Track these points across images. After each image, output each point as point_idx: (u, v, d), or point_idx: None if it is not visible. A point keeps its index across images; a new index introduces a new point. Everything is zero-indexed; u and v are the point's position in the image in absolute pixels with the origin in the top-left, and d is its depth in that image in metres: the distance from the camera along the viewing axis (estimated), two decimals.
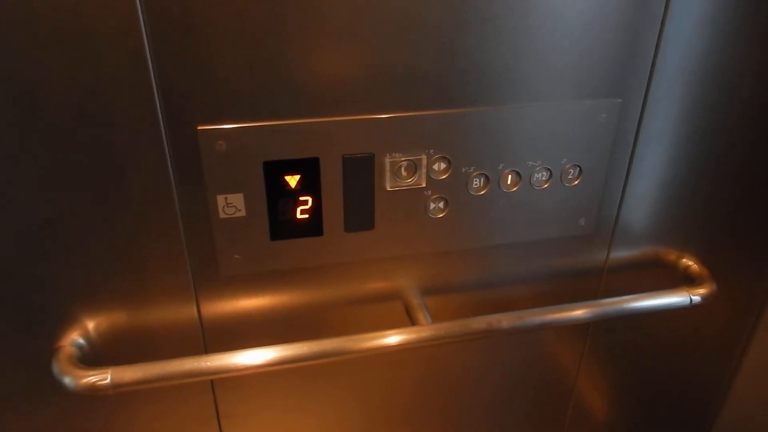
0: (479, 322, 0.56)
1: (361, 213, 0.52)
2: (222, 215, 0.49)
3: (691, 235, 0.66)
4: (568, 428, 0.80)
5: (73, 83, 0.41)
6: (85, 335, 0.52)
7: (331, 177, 0.50)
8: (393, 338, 0.54)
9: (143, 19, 0.41)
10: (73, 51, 0.40)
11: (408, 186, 0.52)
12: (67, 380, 0.49)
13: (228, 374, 0.51)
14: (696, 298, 0.63)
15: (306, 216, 0.51)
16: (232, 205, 0.49)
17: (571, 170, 0.56)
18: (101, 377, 0.48)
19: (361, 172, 0.50)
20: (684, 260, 0.67)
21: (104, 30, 0.40)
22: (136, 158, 0.45)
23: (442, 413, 0.72)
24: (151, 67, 0.42)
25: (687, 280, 0.66)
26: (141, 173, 0.46)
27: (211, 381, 0.59)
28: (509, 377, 0.72)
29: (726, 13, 0.52)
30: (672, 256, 0.67)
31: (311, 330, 0.58)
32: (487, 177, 0.54)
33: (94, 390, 0.48)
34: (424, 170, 0.51)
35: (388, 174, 0.51)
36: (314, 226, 0.52)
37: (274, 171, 0.48)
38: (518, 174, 0.54)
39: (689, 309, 0.63)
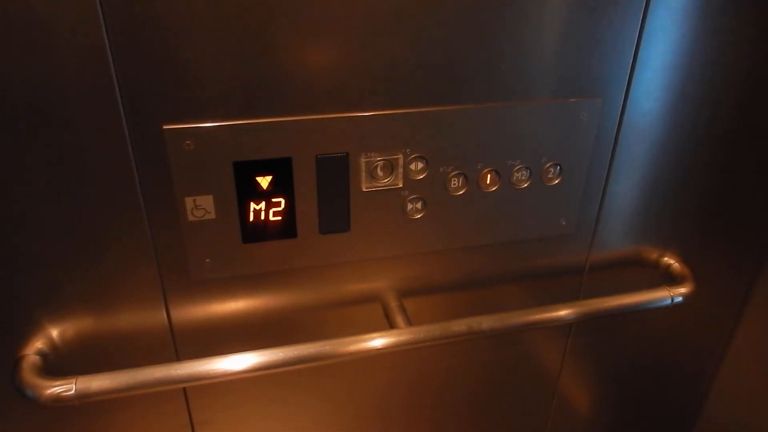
0: (459, 325, 0.55)
1: (336, 214, 0.51)
2: (191, 218, 0.47)
3: (673, 234, 0.65)
4: (551, 427, 0.80)
5: (28, 79, 0.39)
6: (50, 343, 0.50)
7: (305, 177, 0.48)
8: (371, 342, 0.53)
9: (102, 11, 0.39)
10: (26, 45, 0.38)
11: (384, 186, 0.51)
12: (30, 391, 0.47)
13: (200, 382, 0.50)
14: (677, 298, 0.63)
15: (279, 218, 0.49)
16: (201, 207, 0.47)
17: (552, 169, 0.55)
18: (66, 387, 0.47)
19: (335, 173, 0.49)
20: (665, 259, 0.67)
21: (60, 23, 0.38)
22: (98, 159, 0.43)
23: (422, 415, 0.71)
24: (111, 62, 0.40)
25: (668, 279, 0.66)
26: (104, 175, 0.44)
27: (184, 389, 0.58)
28: (491, 377, 0.71)
29: (707, 8, 0.52)
30: (653, 255, 0.66)
31: (287, 335, 0.56)
32: (465, 177, 0.53)
33: (58, 401, 0.47)
34: (400, 170, 0.50)
35: (363, 174, 0.49)
36: (288, 228, 0.50)
37: (245, 172, 0.46)
38: (497, 173, 0.53)
39: (670, 308, 0.63)
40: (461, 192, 0.53)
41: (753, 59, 0.55)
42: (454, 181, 0.52)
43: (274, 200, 0.48)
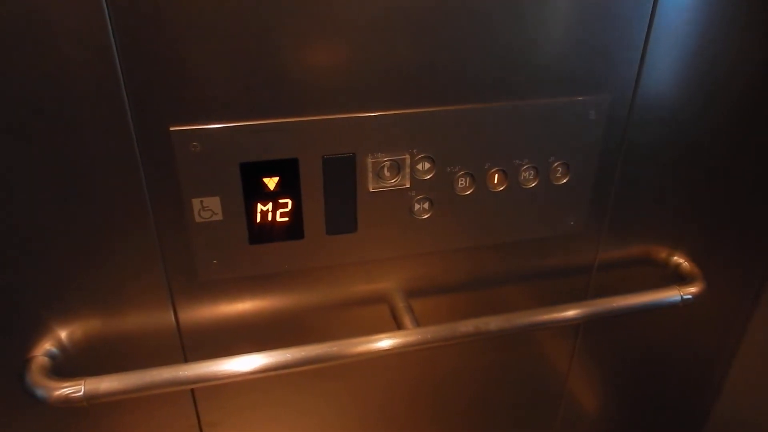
0: (467, 325, 0.55)
1: (343, 215, 0.50)
2: (198, 219, 0.47)
3: (682, 233, 0.65)
4: (560, 428, 0.79)
5: (34, 80, 0.39)
6: (59, 345, 0.50)
7: (312, 178, 0.48)
8: (379, 343, 0.53)
9: (109, 13, 0.39)
10: (33, 46, 0.38)
11: (391, 187, 0.50)
12: (40, 392, 0.47)
13: (208, 383, 0.50)
14: (687, 297, 0.62)
15: (286, 219, 0.49)
16: (208, 208, 0.47)
17: (559, 169, 0.54)
18: (75, 389, 0.47)
19: (342, 173, 0.48)
20: (675, 258, 0.66)
21: (67, 24, 0.38)
22: (105, 161, 0.43)
23: (430, 417, 0.71)
24: (118, 64, 0.40)
25: (678, 279, 0.65)
26: (111, 176, 0.44)
27: (192, 390, 0.58)
28: (499, 378, 0.71)
29: (716, 6, 0.51)
30: (662, 254, 0.66)
31: (294, 336, 0.56)
32: (472, 176, 0.52)
33: (67, 402, 0.47)
34: (407, 170, 0.50)
35: (370, 175, 0.49)
36: (295, 229, 0.50)
37: (252, 173, 0.46)
38: (505, 173, 0.53)
39: (680, 307, 0.62)
40: (468, 192, 0.53)
41: (765, 55, 0.55)
42: (461, 181, 0.52)
43: (280, 201, 0.48)
